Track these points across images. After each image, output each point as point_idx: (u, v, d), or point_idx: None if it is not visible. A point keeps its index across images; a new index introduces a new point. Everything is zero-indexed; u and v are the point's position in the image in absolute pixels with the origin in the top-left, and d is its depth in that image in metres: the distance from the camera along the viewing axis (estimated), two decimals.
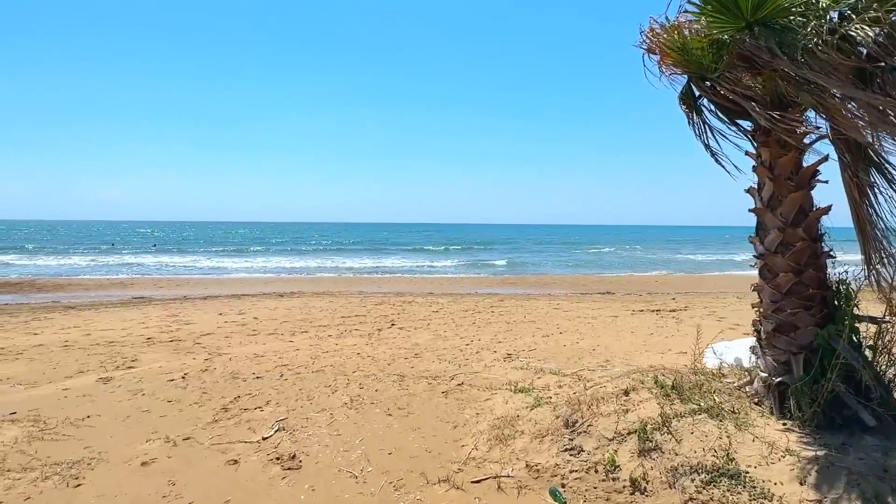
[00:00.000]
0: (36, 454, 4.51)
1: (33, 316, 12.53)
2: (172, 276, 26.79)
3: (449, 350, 8.58)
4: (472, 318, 12.10)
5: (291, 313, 12.73)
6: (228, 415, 5.46)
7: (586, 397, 4.58)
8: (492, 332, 10.17)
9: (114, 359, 7.97)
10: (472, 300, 15.81)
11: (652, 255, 44.74)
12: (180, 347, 8.80)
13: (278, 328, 10.64)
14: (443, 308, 13.76)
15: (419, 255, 43.88)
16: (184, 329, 10.54)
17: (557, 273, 29.78)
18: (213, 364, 7.63)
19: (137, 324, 11.21)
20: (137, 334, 9.98)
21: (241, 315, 12.37)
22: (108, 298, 17.28)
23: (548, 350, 8.58)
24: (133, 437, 4.91)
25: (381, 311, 13.08)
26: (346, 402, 5.87)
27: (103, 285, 21.59)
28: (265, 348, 8.72)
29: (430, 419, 5.32)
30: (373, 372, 7.16)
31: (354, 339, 9.46)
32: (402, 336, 9.80)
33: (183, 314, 12.59)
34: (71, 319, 11.90)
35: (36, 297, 17.98)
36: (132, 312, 12.97)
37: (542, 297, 17.04)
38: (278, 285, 21.87)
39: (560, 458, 4.01)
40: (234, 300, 15.78)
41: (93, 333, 10.10)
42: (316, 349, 8.63)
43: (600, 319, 11.87)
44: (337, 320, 11.67)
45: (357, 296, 17.10)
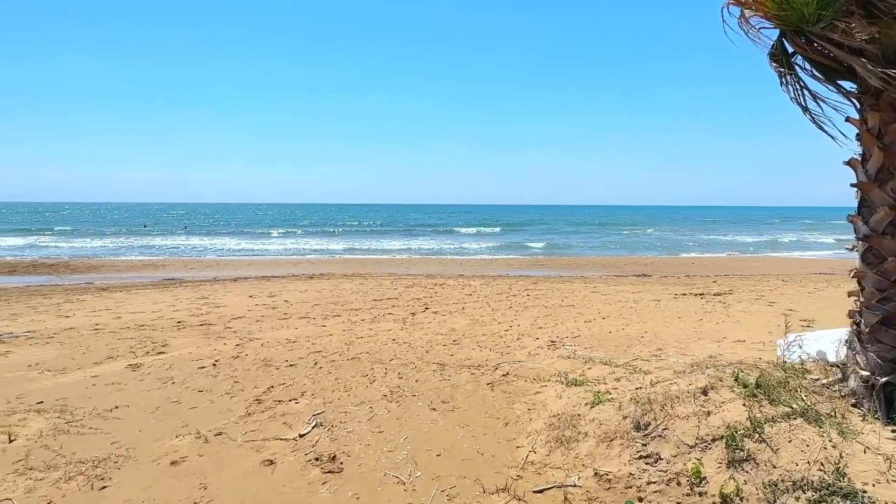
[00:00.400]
0: (61, 450, 4.19)
1: (66, 298, 12.43)
2: (202, 257, 26.83)
3: (488, 336, 8.12)
4: (507, 301, 11.61)
5: (322, 296, 12.41)
6: (262, 407, 5.09)
7: (657, 395, 4.07)
8: (531, 317, 9.67)
9: (143, 343, 7.71)
10: (506, 282, 15.32)
11: (685, 237, 43.53)
12: (211, 332, 8.51)
13: (310, 311, 10.30)
14: (476, 291, 13.29)
15: (449, 236, 43.46)
16: (214, 312, 10.27)
17: (590, 255, 29.05)
18: (244, 350, 7.29)
19: (167, 306, 10.99)
20: (167, 318, 9.74)
21: (271, 298, 12.09)
22: (140, 280, 17.24)
23: (592, 337, 8.06)
24: (162, 431, 4.57)
25: (413, 294, 12.67)
26: (386, 393, 5.45)
27: (135, 266, 21.64)
28: (297, 333, 8.38)
29: (478, 415, 4.87)
30: (411, 360, 6.74)
31: (388, 324, 9.06)
32: (437, 321, 9.37)
33: (213, 296, 12.36)
34: (102, 301, 11.76)
35: (70, 278, 18.03)
36: (163, 294, 12.79)
37: (577, 280, 16.45)
38: (307, 267, 21.66)
39: (634, 466, 3.53)
40: (263, 282, 15.55)
41: (123, 316, 9.90)
42: (350, 334, 8.25)
43: (643, 304, 11.27)
44: (369, 303, 11.30)
45: (387, 278, 16.74)
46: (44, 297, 12.78)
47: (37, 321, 9.46)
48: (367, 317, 9.73)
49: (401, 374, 6.10)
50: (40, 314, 10.24)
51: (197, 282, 16.03)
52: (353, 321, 9.31)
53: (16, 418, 4.82)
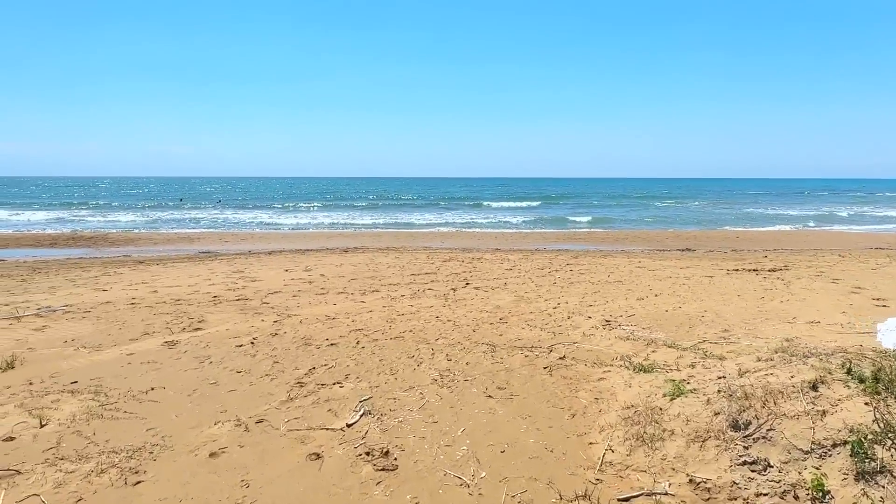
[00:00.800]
0: (94, 437, 3.87)
1: (104, 271, 12.34)
2: (236, 230, 26.82)
3: (536, 315, 7.62)
4: (550, 277, 11.06)
5: (358, 270, 12.05)
6: (304, 391, 4.71)
7: (755, 389, 3.53)
8: (578, 294, 9.13)
9: (180, 319, 7.43)
10: (545, 257, 14.74)
11: (725, 210, 41.95)
12: (247, 307, 8.21)
13: (347, 286, 9.93)
14: (516, 266, 12.76)
15: (480, 209, 42.80)
16: (250, 287, 9.99)
17: (628, 228, 28.14)
18: (282, 327, 6.95)
19: (203, 280, 10.76)
20: (203, 292, 9.48)
21: (307, 272, 11.77)
22: (176, 253, 17.17)
23: (648, 316, 7.49)
24: (200, 416, 4.23)
25: (451, 269, 12.21)
26: (436, 377, 5.02)
27: (171, 240, 21.68)
28: (336, 309, 8.01)
29: (540, 404, 4.40)
30: (457, 340, 6.30)
31: (430, 300, 8.63)
32: (479, 297, 8.90)
33: (248, 270, 12.11)
34: (139, 274, 11.61)
35: (108, 250, 18.10)
36: (198, 268, 12.60)
37: (619, 255, 15.76)
38: (340, 240, 21.39)
39: (737, 473, 3.02)
40: (298, 255, 15.28)
41: (160, 290, 9.69)
42: (390, 311, 7.84)
43: (695, 280, 10.60)
44: (407, 278, 10.88)
45: (422, 252, 16.31)
46: (82, 269, 12.72)
47: (74, 295, 9.31)
48: (407, 292, 9.31)
49: (449, 356, 5.66)
50: (78, 287, 10.11)
51: (231, 255, 15.86)
52: (392, 297, 8.91)
53: (49, 399, 4.53)
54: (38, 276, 11.56)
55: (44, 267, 13.44)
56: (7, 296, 9.24)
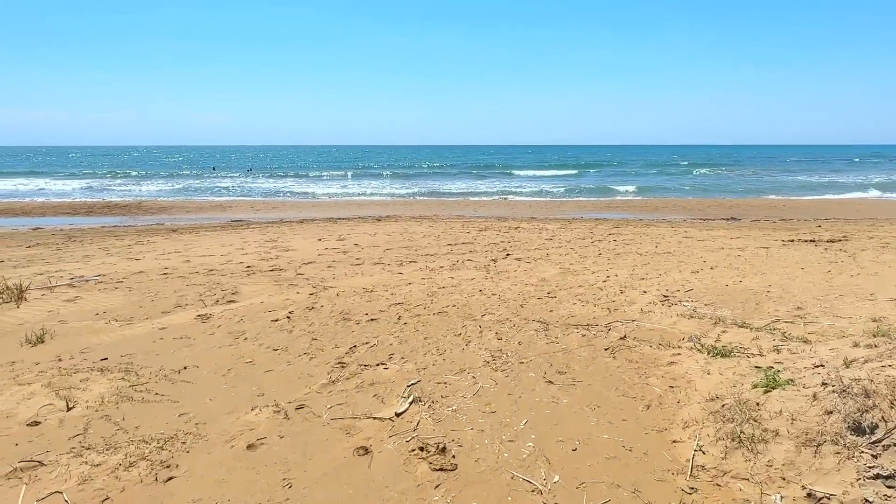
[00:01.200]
0: (123, 422, 3.55)
1: (137, 239, 12.18)
2: (267, 199, 26.67)
3: (586, 288, 7.10)
4: (594, 247, 10.48)
5: (393, 239, 11.63)
6: (346, 373, 4.32)
7: (878, 385, 2.99)
8: (627, 266, 8.55)
9: (213, 291, 7.13)
10: (584, 226, 14.10)
11: (768, 178, 40.13)
12: (282, 278, 7.87)
13: (383, 257, 9.53)
14: (556, 235, 12.18)
15: (512, 177, 41.92)
16: (283, 256, 9.66)
17: (668, 196, 27.11)
18: (318, 300, 6.58)
19: (236, 249, 10.49)
20: (237, 262, 9.19)
21: (341, 241, 11.41)
22: (209, 221, 17.02)
23: (708, 291, 6.91)
24: (236, 400, 3.88)
25: (488, 238, 11.71)
26: (487, 359, 4.58)
27: (203, 208, 21.59)
28: (373, 281, 7.61)
29: (607, 391, 3.93)
30: (506, 316, 5.84)
31: (470, 272, 8.16)
32: (523, 269, 8.40)
33: (281, 239, 11.80)
34: (172, 243, 11.40)
35: (142, 219, 18.05)
36: (231, 237, 12.35)
37: (662, 224, 15.02)
38: (372, 209, 21.01)
39: (869, 489, 2.51)
40: (330, 224, 14.94)
41: (192, 260, 9.43)
42: (430, 283, 7.41)
43: (750, 251, 9.89)
44: (443, 248, 10.43)
45: (456, 220, 15.81)
46: (116, 238, 12.59)
47: (108, 264, 9.11)
48: (446, 263, 8.86)
49: (499, 334, 5.21)
50: (112, 256, 9.93)
51: (264, 223, 15.61)
52: (431, 268, 8.47)
53: (77, 378, 4.24)
54: (72, 245, 11.45)
55: (79, 235, 13.38)
56: (42, 265, 9.09)
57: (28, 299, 6.72)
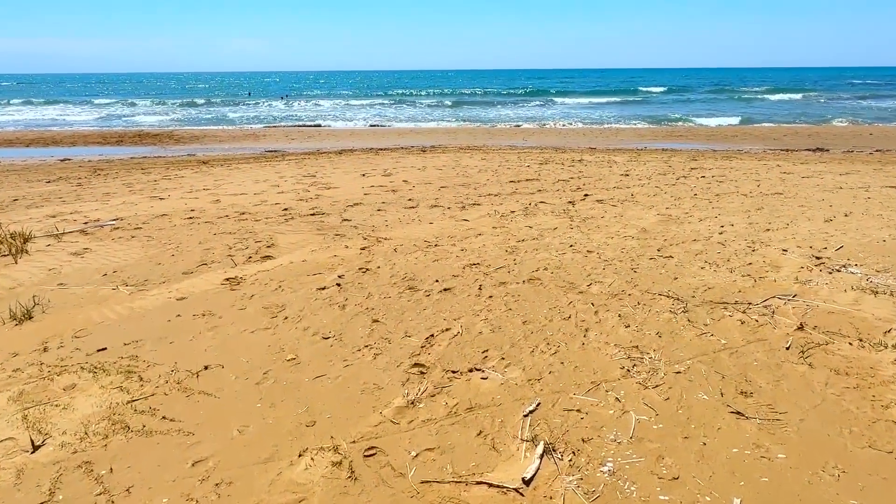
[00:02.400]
0: (108, 479, 2.32)
1: (164, 173, 10.95)
2: (303, 127, 25.09)
3: (703, 243, 5.55)
4: (683, 185, 8.78)
5: (445, 174, 10.10)
6: (429, 385, 2.99)
7: None
8: (738, 212, 6.91)
9: (245, 241, 5.84)
10: (656, 158, 12.24)
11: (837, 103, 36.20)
12: (325, 225, 6.52)
13: (439, 197, 8.06)
14: (630, 170, 10.45)
15: (557, 105, 39.12)
16: (325, 196, 8.29)
17: (729, 123, 24.52)
18: (373, 258, 5.23)
19: (271, 186, 9.15)
20: (272, 202, 7.86)
21: (387, 177, 9.94)
22: (242, 151, 15.69)
23: (863, 247, 5.30)
24: (276, 434, 2.60)
25: (554, 173, 10.07)
26: (624, 362, 3.18)
27: (236, 137, 20.22)
28: (435, 231, 6.20)
29: (837, 435, 2.51)
30: (619, 287, 4.38)
31: (549, 219, 6.66)
32: (611, 215, 6.85)
33: (320, 174, 10.40)
34: (201, 179, 10.12)
35: (173, 149, 16.83)
36: (265, 171, 11.00)
37: (744, 156, 13.02)
38: (414, 138, 19.31)
39: None
40: (371, 156, 13.42)
41: (222, 200, 8.14)
42: (505, 235, 5.96)
43: (878, 191, 8.08)
44: (506, 186, 8.88)
45: (510, 151, 14.08)
46: (143, 171, 11.39)
47: (128, 204, 7.90)
48: (516, 206, 7.36)
49: (623, 318, 3.78)
50: (135, 194, 8.72)
51: (300, 155, 14.19)
52: (500, 213, 6.99)
53: (61, 385, 3.03)
54: (95, 180, 10.29)
55: (105, 168, 12.24)
56: (58, 204, 7.95)
57: (30, 252, 5.55)
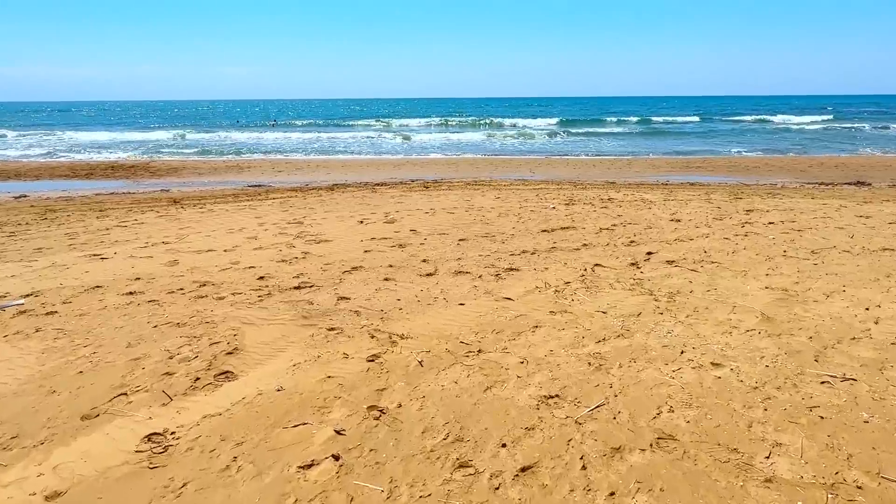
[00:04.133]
0: None
1: (123, 218, 8.98)
2: (291, 156, 23.22)
3: (874, 347, 3.71)
4: (758, 237, 6.98)
5: (459, 219, 8.23)
6: None
7: None
8: (862, 280, 5.09)
9: (196, 343, 3.89)
10: (693, 195, 10.49)
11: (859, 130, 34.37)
12: (314, 310, 4.58)
13: (462, 257, 6.16)
14: (679, 213, 8.66)
15: (552, 133, 37.72)
16: (314, 254, 6.37)
17: (747, 154, 23.04)
18: (388, 383, 3.29)
19: (247, 238, 7.21)
20: (246, 265, 5.92)
21: (390, 224, 8.04)
22: (222, 186, 13.77)
23: None
24: None
25: (589, 218, 8.25)
26: None
27: (218, 169, 18.28)
28: (470, 318, 4.29)
29: None
30: (828, 465, 2.51)
31: (622, 296, 4.79)
32: (701, 288, 4.99)
33: (309, 220, 8.49)
34: (164, 226, 8.17)
35: (146, 183, 14.86)
36: (243, 215, 9.07)
37: (789, 192, 11.34)
38: (411, 169, 17.51)
39: None
40: (368, 193, 11.55)
41: (182, 259, 6.20)
42: (573, 327, 4.06)
43: None
44: (539, 237, 7.03)
45: (522, 186, 12.28)
46: (100, 214, 9.42)
47: (58, 268, 5.93)
48: (567, 273, 5.48)
49: None
50: (74, 250, 6.76)
51: (286, 191, 12.29)
52: (551, 286, 5.10)
53: None
54: (37, 227, 8.30)
55: (61, 208, 10.26)
56: None
57: None
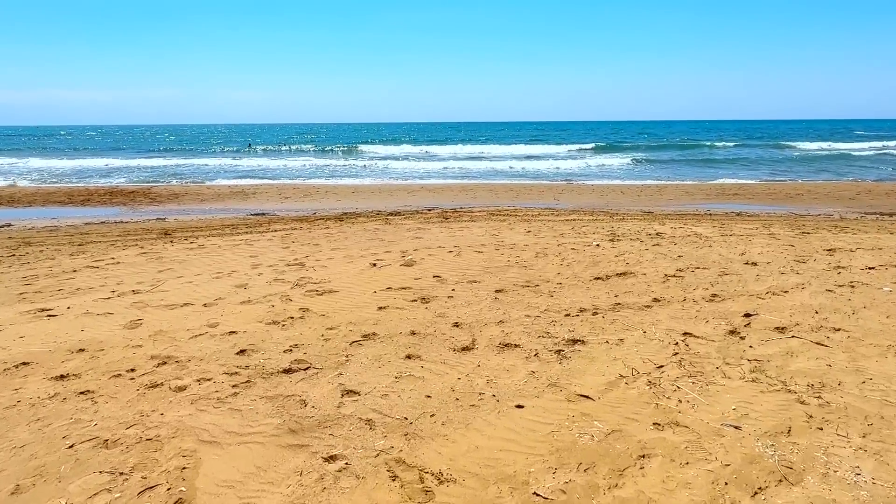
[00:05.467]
0: None
1: (99, 256, 7.68)
2: (298, 181, 22.03)
3: None
4: (867, 288, 5.53)
5: (491, 261, 6.83)
6: None
7: None
8: None
9: (115, 492, 2.49)
10: (750, 227, 9.04)
11: None
12: (306, 415, 3.16)
13: (504, 319, 4.72)
14: (747, 253, 7.21)
15: (566, 155, 36.42)
16: (315, 311, 4.97)
17: (783, 179, 21.50)
18: None
19: (235, 287, 5.85)
20: (226, 329, 4.54)
21: (408, 268, 6.64)
22: (223, 215, 12.50)
23: None
24: None
25: (644, 259, 6.81)
26: None
27: (221, 195, 17.06)
28: (540, 440, 2.86)
29: None
30: None
31: (750, 393, 3.32)
32: (857, 385, 3.54)
33: (312, 259, 7.14)
34: (141, 268, 6.84)
35: (142, 211, 13.64)
36: (237, 253, 7.73)
37: (859, 226, 9.86)
38: (425, 195, 16.20)
39: None
40: (381, 225, 10.20)
41: (147, 318, 4.83)
42: (709, 464, 2.60)
43: None
44: (594, 288, 5.59)
45: (551, 216, 10.88)
46: (76, 250, 8.14)
47: None
48: (650, 347, 4.04)
49: None
50: (21, 301, 5.43)
51: (290, 221, 10.99)
52: (635, 369, 3.65)
53: None
54: (2, 264, 7.02)
55: (40, 240, 9.06)
56: None
57: None
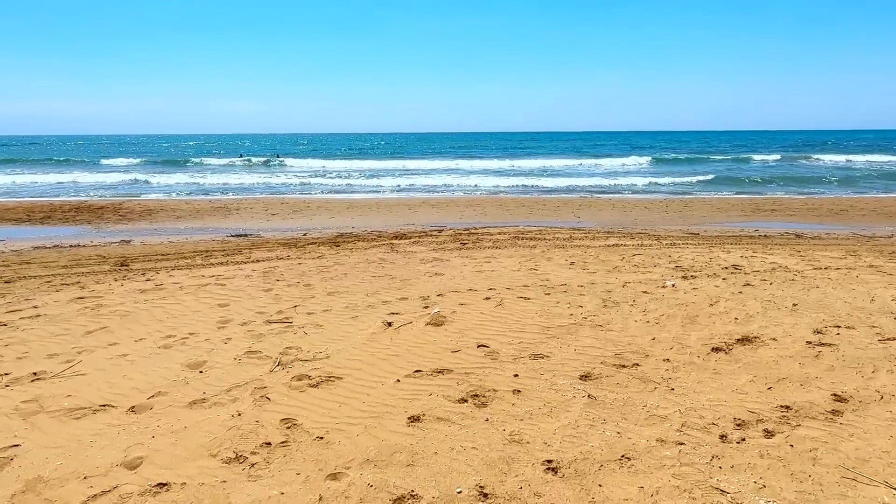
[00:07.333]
0: None
1: (15, 304, 5.75)
2: (287, 196, 20.11)
3: None
4: None
5: (547, 316, 4.97)
6: None
7: None
8: None
9: None
10: (833, 258, 7.28)
11: None
12: None
13: (614, 442, 2.89)
14: (877, 295, 5.43)
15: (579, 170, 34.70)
16: (306, 424, 3.07)
17: (814, 193, 19.88)
18: None
19: (185, 370, 3.94)
20: (152, 471, 2.65)
21: (437, 328, 4.75)
22: (199, 235, 10.60)
23: None
24: None
25: (751, 309, 5.00)
26: None
27: (201, 211, 15.08)
28: None
29: None
30: None
31: None
32: None
33: (304, 313, 5.22)
34: (64, 327, 4.91)
35: (107, 231, 11.67)
36: (202, 301, 5.78)
37: None
38: (430, 211, 14.33)
39: None
40: (385, 253, 8.31)
41: (26, 444, 2.92)
42: None
43: None
44: (731, 378, 3.78)
45: (586, 239, 9.05)
46: (26, 282, 6.18)
47: None
48: None
49: None
50: None
51: (276, 245, 9.09)
52: None
53: None
54: None
55: None
56: None
57: None
